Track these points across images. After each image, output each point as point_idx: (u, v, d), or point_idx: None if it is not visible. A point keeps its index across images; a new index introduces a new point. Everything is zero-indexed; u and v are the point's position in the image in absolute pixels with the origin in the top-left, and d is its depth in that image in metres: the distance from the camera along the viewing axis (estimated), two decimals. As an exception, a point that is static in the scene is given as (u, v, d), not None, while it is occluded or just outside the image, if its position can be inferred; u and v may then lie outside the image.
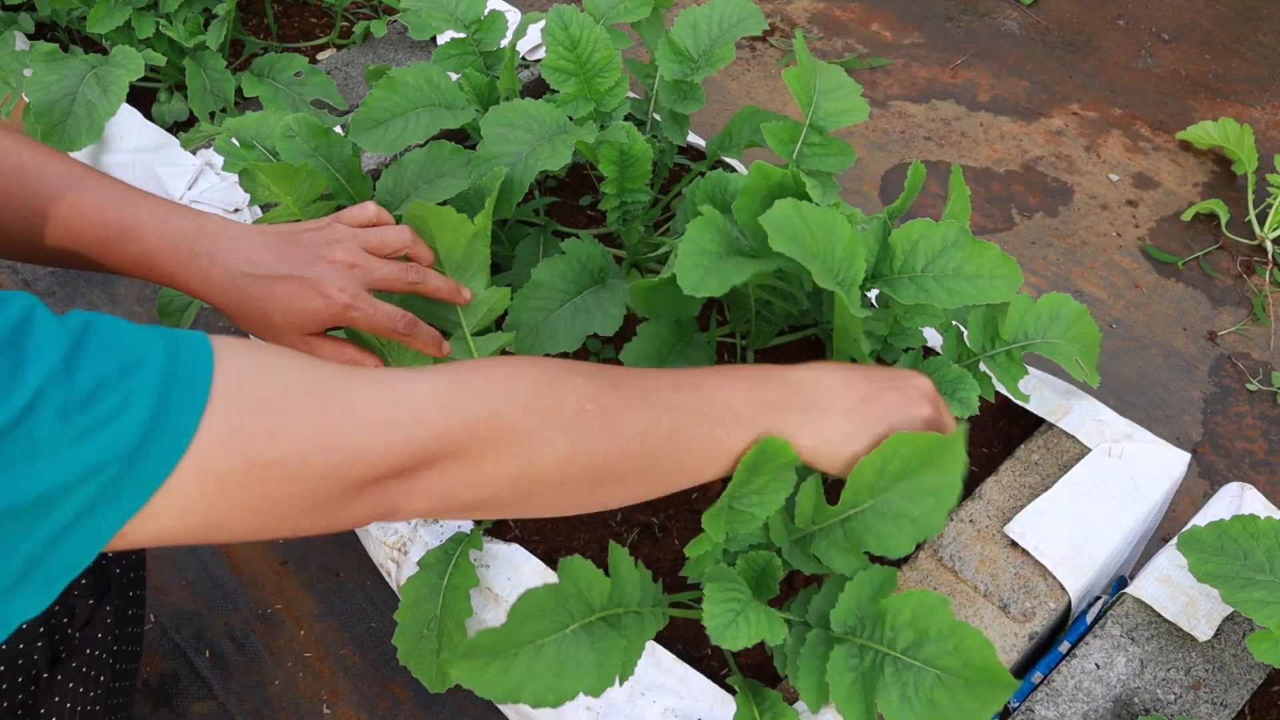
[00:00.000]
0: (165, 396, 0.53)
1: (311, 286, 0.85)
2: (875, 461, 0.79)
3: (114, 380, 0.51)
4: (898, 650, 0.79)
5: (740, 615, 0.79)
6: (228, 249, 0.85)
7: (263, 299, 0.85)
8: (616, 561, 0.83)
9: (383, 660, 1.36)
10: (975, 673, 0.76)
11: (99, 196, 0.85)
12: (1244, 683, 0.95)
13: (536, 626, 0.77)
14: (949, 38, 2.30)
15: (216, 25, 1.49)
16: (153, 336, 0.55)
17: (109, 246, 0.85)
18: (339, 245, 0.88)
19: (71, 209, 0.84)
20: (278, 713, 1.31)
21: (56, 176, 0.85)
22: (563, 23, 1.07)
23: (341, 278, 0.86)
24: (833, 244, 0.82)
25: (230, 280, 0.85)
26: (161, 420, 0.52)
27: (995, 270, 0.87)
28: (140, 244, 0.85)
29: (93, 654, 0.91)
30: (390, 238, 0.90)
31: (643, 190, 1.08)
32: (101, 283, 1.79)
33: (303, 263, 0.86)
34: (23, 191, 0.84)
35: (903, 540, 0.80)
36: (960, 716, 0.75)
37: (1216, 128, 1.95)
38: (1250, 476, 1.55)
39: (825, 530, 0.84)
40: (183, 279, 0.86)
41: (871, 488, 0.80)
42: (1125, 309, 1.77)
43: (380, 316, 0.88)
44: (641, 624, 0.84)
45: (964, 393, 0.96)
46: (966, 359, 1.03)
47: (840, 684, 0.79)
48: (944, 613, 0.78)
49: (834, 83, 1.07)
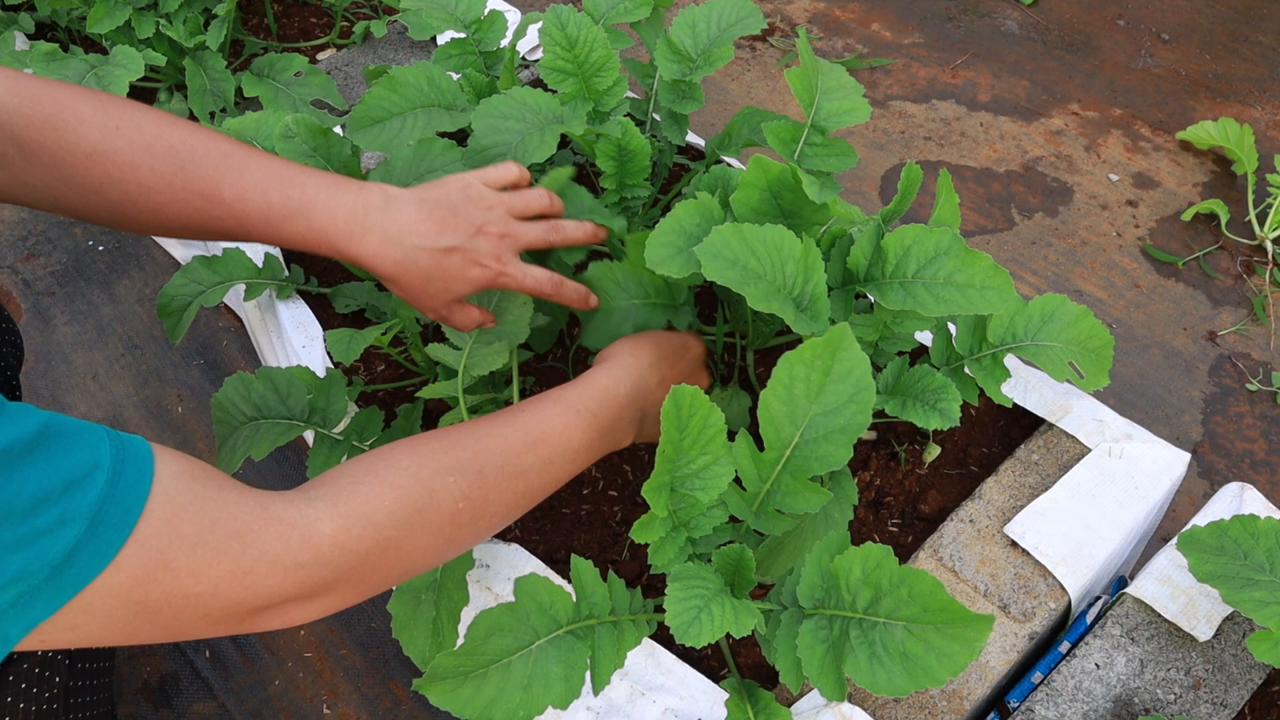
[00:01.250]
0: (99, 517, 0.57)
1: (473, 258, 0.91)
2: (778, 394, 0.80)
3: (57, 496, 0.55)
4: (860, 611, 0.78)
5: (703, 611, 0.78)
6: (400, 222, 0.89)
7: (429, 270, 0.90)
8: (580, 574, 0.84)
9: (383, 660, 1.36)
10: (937, 615, 0.75)
11: (260, 176, 0.87)
12: (1244, 683, 0.95)
13: (500, 645, 0.78)
14: (949, 38, 2.30)
15: (216, 25, 1.49)
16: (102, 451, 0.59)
17: (275, 226, 0.87)
18: (492, 214, 0.92)
19: (233, 190, 0.86)
20: (278, 713, 1.31)
21: (212, 157, 0.86)
22: (560, 23, 1.07)
23: (497, 247, 0.92)
24: (781, 261, 0.83)
25: (403, 253, 0.89)
26: (90, 540, 0.56)
27: (987, 281, 0.87)
28: (309, 221, 0.87)
29: (45, 654, 0.92)
30: (534, 202, 0.96)
31: (642, 185, 1.08)
32: (101, 283, 1.79)
33: (465, 234, 0.90)
34: (179, 175, 0.85)
35: (841, 451, 0.81)
36: (941, 664, 0.74)
37: (1216, 128, 1.94)
38: (1250, 476, 1.55)
39: (775, 483, 0.84)
40: (353, 252, 0.89)
41: (791, 418, 0.81)
42: (1125, 309, 1.77)
43: (529, 280, 0.94)
44: (618, 633, 0.84)
45: (945, 403, 0.94)
46: (954, 361, 1.02)
47: (812, 657, 0.79)
48: (890, 562, 0.78)
49: (836, 83, 1.07)
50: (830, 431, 0.80)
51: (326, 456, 1.02)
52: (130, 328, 1.74)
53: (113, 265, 1.82)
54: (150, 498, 0.60)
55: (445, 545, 0.76)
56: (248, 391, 1.03)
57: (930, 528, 1.07)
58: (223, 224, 0.87)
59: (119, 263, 1.83)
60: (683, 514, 0.83)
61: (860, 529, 1.08)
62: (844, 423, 0.80)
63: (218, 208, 0.86)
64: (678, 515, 0.84)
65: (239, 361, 1.68)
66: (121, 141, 0.84)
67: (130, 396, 1.65)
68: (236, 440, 1.02)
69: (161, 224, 0.87)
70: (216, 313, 1.74)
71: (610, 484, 1.12)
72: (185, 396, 1.64)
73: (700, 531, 0.85)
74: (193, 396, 1.64)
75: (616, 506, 1.11)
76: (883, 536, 1.07)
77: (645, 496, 0.80)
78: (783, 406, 0.80)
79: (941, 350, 1.03)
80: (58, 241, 1.85)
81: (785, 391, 0.80)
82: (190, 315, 1.19)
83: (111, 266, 1.82)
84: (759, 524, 0.86)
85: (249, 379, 1.04)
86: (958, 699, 0.94)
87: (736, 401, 1.10)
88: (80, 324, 1.74)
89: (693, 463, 0.81)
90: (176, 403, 1.64)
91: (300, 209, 0.87)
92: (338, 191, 0.88)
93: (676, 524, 0.84)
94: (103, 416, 1.62)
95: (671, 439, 0.79)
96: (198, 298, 1.19)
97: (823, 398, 0.80)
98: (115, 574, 0.58)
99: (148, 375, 1.67)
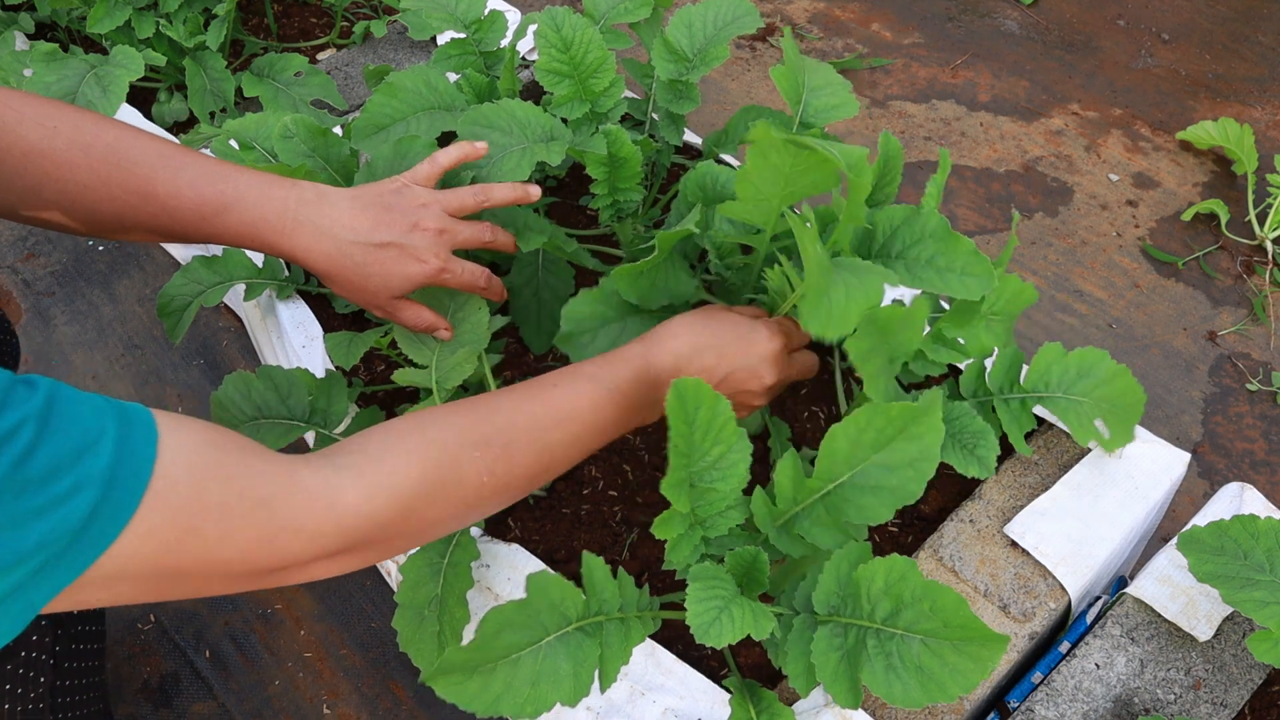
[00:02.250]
0: (112, 480, 0.58)
1: (410, 254, 0.91)
2: (849, 432, 0.79)
3: (69, 464, 0.56)
4: (878, 622, 0.78)
5: (724, 612, 0.78)
6: (331, 216, 0.90)
7: (365, 265, 0.91)
8: (591, 570, 0.84)
9: (383, 660, 1.36)
10: (957, 632, 0.75)
11: (194, 174, 0.89)
12: (1244, 683, 0.95)
13: (510, 640, 0.78)
14: (949, 38, 2.30)
15: (216, 25, 1.49)
16: (106, 416, 0.60)
17: (208, 221, 0.89)
18: (427, 211, 0.93)
19: (167, 187, 0.88)
20: (278, 713, 1.31)
21: (147, 155, 0.88)
22: (555, 24, 1.07)
23: (433, 244, 0.92)
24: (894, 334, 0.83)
25: (336, 247, 0.90)
26: (106, 503, 0.58)
27: (967, 267, 0.87)
28: (240, 215, 0.89)
29: (29, 655, 0.92)
30: (468, 199, 0.96)
31: (634, 190, 1.08)
32: (101, 283, 1.80)
33: (400, 230, 0.91)
34: (116, 173, 0.87)
35: (882, 509, 0.80)
36: (954, 680, 0.74)
37: (1216, 128, 1.94)
38: (1250, 476, 1.55)
39: (807, 509, 0.84)
40: (285, 247, 0.90)
41: (848, 459, 0.80)
42: (1125, 309, 1.77)
43: (466, 275, 0.95)
44: (625, 630, 0.84)
45: (983, 451, 0.93)
46: (982, 395, 1.02)
47: (826, 664, 0.79)
48: (914, 575, 0.78)
49: (822, 80, 1.07)
50: (880, 487, 0.80)
51: (326, 457, 1.02)
52: (130, 328, 1.74)
53: (113, 265, 1.82)
54: (171, 464, 0.61)
55: (467, 513, 0.78)
56: (248, 390, 1.03)
57: (930, 527, 1.07)
58: (157, 221, 0.89)
59: (119, 263, 1.83)
60: (701, 511, 0.83)
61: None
62: (896, 484, 0.79)
63: (152, 204, 0.88)
64: (696, 513, 0.83)
65: (239, 361, 1.68)
66: (60, 141, 0.85)
67: (130, 396, 1.65)
68: (236, 440, 1.02)
69: (98, 223, 0.89)
70: (216, 313, 1.74)
71: (610, 484, 1.12)
72: (185, 396, 1.64)
73: (716, 532, 0.85)
74: (193, 396, 1.64)
75: (616, 506, 1.11)
76: (883, 536, 1.08)
77: (665, 494, 0.80)
78: (846, 445, 0.80)
79: (972, 382, 1.02)
80: (58, 241, 1.85)
81: (856, 432, 0.79)
82: (190, 315, 1.19)
83: (111, 266, 1.82)
84: (778, 541, 0.86)
85: (249, 378, 1.03)
86: (958, 699, 0.94)
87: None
88: (80, 324, 1.74)
89: (707, 455, 0.81)
90: (176, 403, 1.64)
91: (232, 204, 0.88)
92: (270, 187, 0.90)
93: (694, 522, 0.84)
94: (103, 417, 1.62)
95: (682, 433, 0.79)
96: (197, 298, 1.19)
97: (888, 451, 0.79)
98: (148, 541, 0.59)
99: (148, 375, 1.67)
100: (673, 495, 0.80)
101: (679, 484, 0.80)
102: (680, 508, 0.81)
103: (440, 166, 0.97)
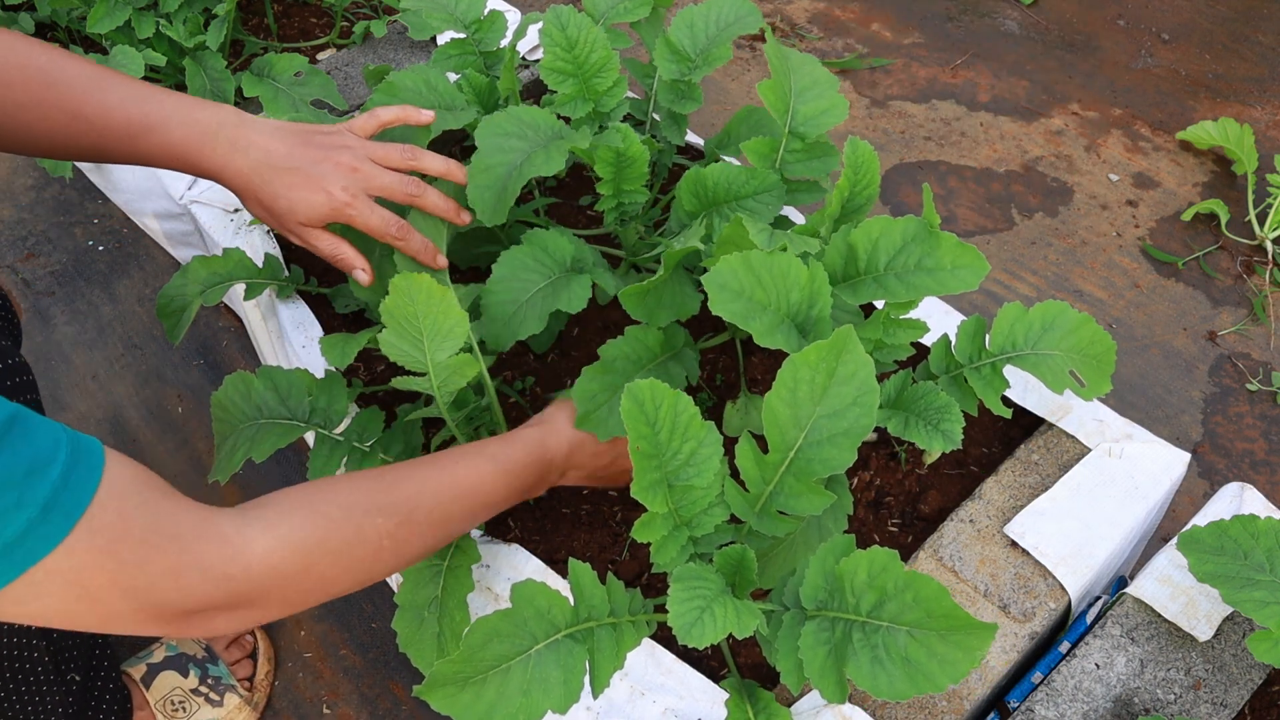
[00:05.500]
0: (51, 505, 0.61)
1: (316, 183, 0.94)
2: (783, 397, 0.80)
3: (16, 482, 0.59)
4: (863, 615, 0.78)
5: (705, 612, 0.78)
6: (248, 139, 0.94)
7: (272, 186, 0.94)
8: (578, 577, 0.83)
9: (383, 660, 1.36)
10: (941, 621, 0.74)
11: (122, 95, 0.93)
12: (1244, 683, 0.95)
13: (498, 650, 0.78)
14: (949, 38, 2.30)
15: (216, 25, 1.49)
16: (60, 445, 0.63)
17: (135, 141, 0.93)
18: (346, 150, 0.96)
19: (97, 108, 0.92)
20: (278, 713, 1.32)
21: (80, 77, 0.92)
22: (560, 24, 1.07)
23: (344, 178, 0.95)
24: (787, 289, 0.83)
25: (249, 165, 0.94)
26: (41, 524, 0.60)
27: (956, 261, 0.87)
28: (165, 136, 0.93)
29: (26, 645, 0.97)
30: (393, 152, 0.98)
31: (639, 191, 1.08)
32: (101, 283, 1.80)
33: (310, 160, 0.95)
34: (49, 94, 0.91)
35: (845, 454, 0.81)
36: (943, 670, 0.74)
37: (1216, 128, 1.94)
38: (1250, 476, 1.55)
39: (779, 485, 0.84)
40: (205, 165, 0.94)
41: (795, 422, 0.81)
42: (1125, 309, 1.77)
43: (375, 219, 0.96)
44: (617, 635, 0.83)
45: (948, 424, 0.93)
46: (953, 369, 1.02)
47: (813, 659, 0.79)
48: (895, 567, 0.77)
49: (809, 79, 1.06)
50: (834, 434, 0.80)
51: (327, 458, 1.02)
52: (130, 328, 1.74)
53: (113, 265, 1.82)
54: (106, 495, 0.64)
55: (365, 576, 0.81)
56: (248, 391, 1.03)
57: (930, 528, 1.07)
58: (87, 139, 0.93)
59: (119, 263, 1.83)
60: (684, 511, 0.83)
61: (860, 529, 1.08)
62: (848, 425, 0.80)
63: (82, 124, 0.92)
64: (679, 513, 0.83)
65: (239, 361, 1.68)
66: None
67: (130, 396, 1.65)
68: (237, 439, 1.02)
69: (30, 141, 0.93)
70: (216, 313, 1.74)
71: (610, 484, 1.12)
72: (185, 396, 1.64)
73: (701, 530, 0.85)
74: (193, 396, 1.64)
75: (616, 506, 1.11)
76: (883, 537, 1.08)
77: (637, 497, 0.80)
78: (787, 409, 0.80)
79: (941, 358, 1.02)
80: (58, 241, 1.85)
81: (789, 394, 0.80)
82: (190, 315, 1.19)
83: (111, 266, 1.82)
84: (761, 525, 0.85)
85: (249, 378, 1.03)
86: (958, 699, 0.94)
87: (754, 408, 1.10)
88: (80, 324, 1.74)
89: (678, 453, 0.81)
90: (176, 403, 1.64)
91: (158, 124, 0.93)
92: (194, 109, 0.94)
93: (678, 523, 0.84)
94: (103, 416, 1.62)
95: (644, 435, 0.79)
96: (197, 298, 1.19)
97: (827, 400, 0.80)
98: (67, 558, 0.62)
99: (148, 375, 1.67)
100: (646, 498, 0.80)
101: (651, 486, 0.81)
102: (657, 509, 0.81)
103: (379, 120, 1.01)
